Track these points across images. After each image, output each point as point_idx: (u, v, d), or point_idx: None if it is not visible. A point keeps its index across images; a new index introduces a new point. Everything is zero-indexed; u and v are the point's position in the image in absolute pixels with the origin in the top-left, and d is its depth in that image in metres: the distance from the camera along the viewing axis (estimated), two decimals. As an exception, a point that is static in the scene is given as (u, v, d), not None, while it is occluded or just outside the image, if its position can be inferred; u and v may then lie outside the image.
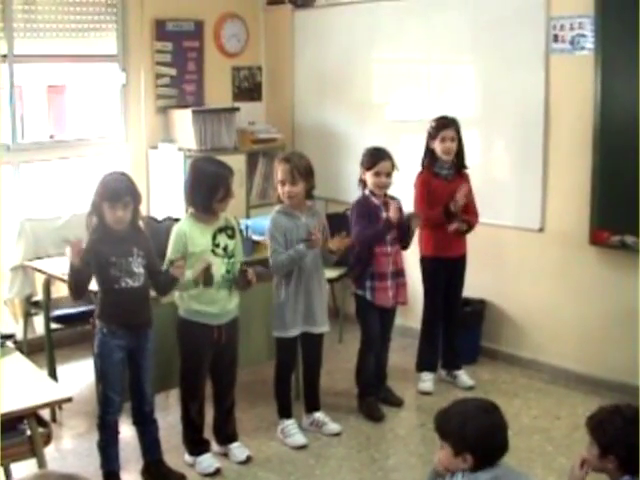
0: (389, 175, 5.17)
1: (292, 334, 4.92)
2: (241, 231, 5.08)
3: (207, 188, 4.48)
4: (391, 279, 5.24)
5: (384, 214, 5.16)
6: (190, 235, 4.45)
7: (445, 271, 5.61)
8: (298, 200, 4.85)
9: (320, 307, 4.99)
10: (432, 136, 5.49)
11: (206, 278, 4.39)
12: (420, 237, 5.57)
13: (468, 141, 5.60)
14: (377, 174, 5.15)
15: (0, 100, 6.21)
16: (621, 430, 3.00)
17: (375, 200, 5.20)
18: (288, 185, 4.79)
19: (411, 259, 5.63)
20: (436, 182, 5.47)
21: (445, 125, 5.45)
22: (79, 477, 1.96)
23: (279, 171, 4.82)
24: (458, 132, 5.48)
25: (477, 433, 2.95)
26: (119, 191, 4.16)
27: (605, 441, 3.04)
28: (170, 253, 4.46)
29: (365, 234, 5.15)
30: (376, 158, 5.17)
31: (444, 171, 5.48)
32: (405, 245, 5.34)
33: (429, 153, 5.51)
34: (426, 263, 5.63)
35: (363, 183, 5.25)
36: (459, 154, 5.51)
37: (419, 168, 5.56)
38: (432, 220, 5.43)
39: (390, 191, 5.26)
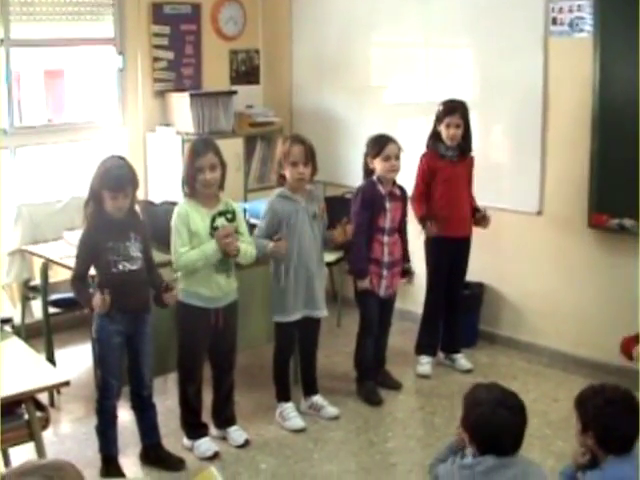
0: (398, 158, 5.15)
1: (293, 319, 4.91)
2: (245, 214, 5.07)
3: (183, 169, 4.55)
4: (386, 269, 5.22)
5: (387, 205, 5.16)
6: (191, 215, 4.44)
7: (449, 252, 5.58)
8: (306, 182, 4.85)
9: (320, 291, 4.99)
10: (439, 119, 5.47)
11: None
12: None
13: (467, 124, 5.60)
14: (387, 158, 5.12)
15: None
16: (599, 409, 3.06)
17: (382, 189, 5.17)
18: (301, 166, 4.78)
19: (414, 242, 5.58)
20: (440, 163, 5.47)
21: (451, 111, 5.43)
22: (57, 463, 1.92)
23: (292, 152, 4.77)
24: (465, 117, 5.46)
25: (476, 421, 3.01)
26: (121, 180, 4.15)
27: (585, 417, 3.12)
28: (176, 239, 4.44)
29: (354, 255, 5.22)
30: (383, 143, 5.15)
31: (449, 152, 5.48)
32: None
33: (435, 135, 5.50)
34: (430, 243, 5.62)
35: (369, 172, 5.23)
36: (465, 138, 5.49)
37: (423, 149, 5.57)
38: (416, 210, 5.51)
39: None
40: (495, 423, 2.96)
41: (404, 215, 5.32)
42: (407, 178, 5.44)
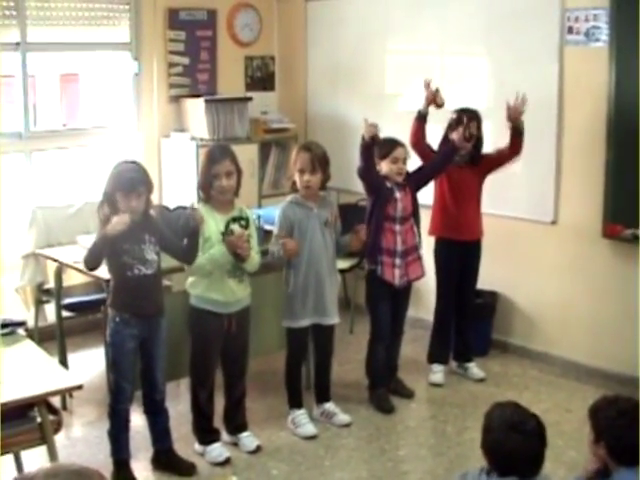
0: (405, 161, 5.18)
1: (301, 325, 4.91)
2: (258, 220, 5.07)
3: (199, 175, 4.59)
4: (400, 257, 5.19)
5: (397, 194, 5.16)
6: (205, 219, 4.45)
7: (458, 257, 5.58)
8: (314, 190, 4.85)
9: (331, 298, 4.97)
10: (452, 127, 5.47)
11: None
12: (430, 216, 5.61)
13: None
14: (394, 161, 5.14)
15: (13, 88, 6.21)
16: (612, 420, 3.04)
17: (387, 183, 5.19)
18: (307, 174, 4.78)
19: (424, 243, 5.49)
20: (450, 168, 5.45)
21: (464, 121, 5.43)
22: (88, 472, 1.90)
23: (298, 160, 4.80)
24: (479, 126, 5.46)
25: (491, 447, 2.98)
26: (134, 181, 4.15)
27: (597, 428, 3.09)
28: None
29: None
30: (391, 146, 5.17)
31: (457, 158, 5.46)
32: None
33: (446, 141, 5.50)
34: (438, 247, 5.62)
35: None
36: (476, 146, 5.49)
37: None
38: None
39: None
40: (508, 448, 2.90)
41: (415, 201, 5.31)
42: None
